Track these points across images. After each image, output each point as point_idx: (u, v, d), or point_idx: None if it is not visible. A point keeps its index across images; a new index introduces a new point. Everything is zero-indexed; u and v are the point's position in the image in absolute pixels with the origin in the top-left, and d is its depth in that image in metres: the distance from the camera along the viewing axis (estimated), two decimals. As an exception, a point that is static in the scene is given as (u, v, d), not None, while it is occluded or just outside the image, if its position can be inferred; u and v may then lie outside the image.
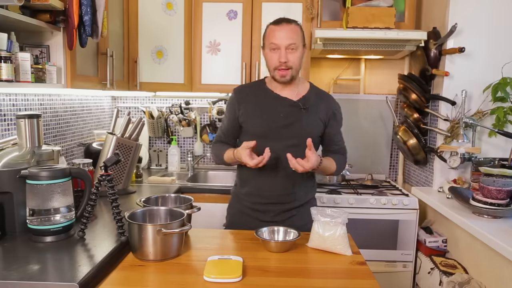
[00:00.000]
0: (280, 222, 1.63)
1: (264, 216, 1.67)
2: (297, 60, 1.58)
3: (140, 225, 1.25)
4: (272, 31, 1.57)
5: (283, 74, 1.57)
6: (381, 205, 2.30)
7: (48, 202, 1.35)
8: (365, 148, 2.86)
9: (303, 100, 1.65)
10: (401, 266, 2.36)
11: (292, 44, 1.54)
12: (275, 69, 1.58)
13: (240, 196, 1.73)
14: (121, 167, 2.05)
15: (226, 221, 1.81)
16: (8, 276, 1.09)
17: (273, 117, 1.62)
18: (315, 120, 1.64)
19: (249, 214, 1.70)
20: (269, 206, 1.67)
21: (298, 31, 1.58)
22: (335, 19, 2.59)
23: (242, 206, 1.72)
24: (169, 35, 2.55)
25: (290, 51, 1.55)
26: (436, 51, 2.29)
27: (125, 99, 2.98)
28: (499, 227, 1.67)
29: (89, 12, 1.61)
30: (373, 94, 2.87)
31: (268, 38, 1.58)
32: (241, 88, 1.74)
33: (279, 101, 1.64)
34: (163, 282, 1.14)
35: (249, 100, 1.67)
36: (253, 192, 1.68)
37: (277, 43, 1.54)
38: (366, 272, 1.23)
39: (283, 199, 1.66)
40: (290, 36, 1.54)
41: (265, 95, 1.66)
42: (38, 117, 1.52)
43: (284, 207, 1.67)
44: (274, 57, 1.56)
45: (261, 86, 1.69)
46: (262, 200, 1.67)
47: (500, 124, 2.12)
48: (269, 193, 1.66)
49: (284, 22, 1.57)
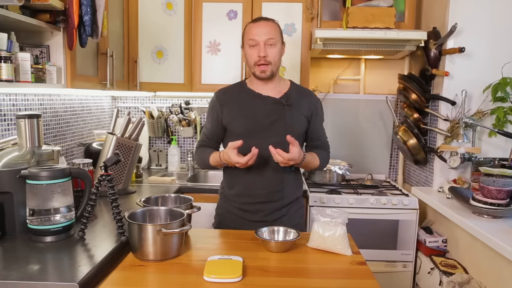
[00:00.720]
0: (269, 222, 1.63)
1: (253, 216, 1.67)
2: (276, 55, 1.60)
3: (140, 225, 1.25)
4: (250, 28, 1.61)
5: (263, 69, 1.59)
6: (381, 205, 2.30)
7: (48, 202, 1.35)
8: (365, 148, 2.86)
9: (286, 97, 1.66)
10: (401, 266, 2.36)
11: (271, 39, 1.57)
12: (255, 65, 1.60)
13: (228, 197, 1.73)
14: (121, 167, 2.05)
15: (215, 221, 1.81)
16: (8, 276, 1.09)
17: (257, 116, 1.63)
18: (298, 116, 1.66)
19: (238, 214, 1.70)
20: (258, 206, 1.67)
21: (276, 27, 1.62)
22: (335, 19, 2.59)
23: (230, 206, 1.72)
24: (169, 35, 2.55)
25: (269, 46, 1.57)
26: (436, 51, 2.29)
27: (125, 99, 2.98)
28: (499, 227, 1.67)
29: (89, 12, 1.61)
30: (373, 94, 2.87)
31: (247, 35, 1.61)
32: (223, 90, 1.75)
33: (262, 100, 1.66)
34: (163, 282, 1.14)
35: (232, 102, 1.68)
36: (242, 193, 1.68)
37: (256, 39, 1.57)
38: (366, 272, 1.23)
39: (272, 197, 1.66)
40: (268, 32, 1.57)
41: (247, 95, 1.68)
42: (38, 117, 1.52)
43: (274, 206, 1.67)
44: (254, 53, 1.59)
45: (243, 87, 1.71)
46: (251, 200, 1.67)
47: (500, 124, 2.12)
48: (258, 191, 1.66)
49: (262, 19, 1.62)
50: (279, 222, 1.63)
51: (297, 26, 2.53)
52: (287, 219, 1.68)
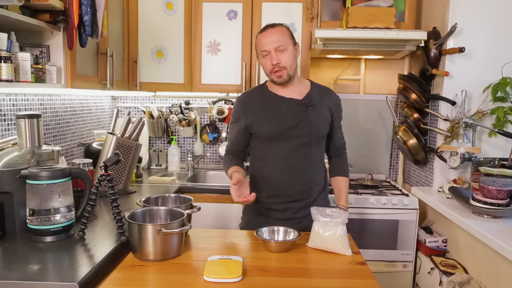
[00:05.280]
0: (299, 218, 1.67)
1: (283, 214, 1.69)
2: (289, 59, 1.62)
3: (140, 225, 1.26)
4: (260, 39, 1.64)
5: (279, 74, 1.62)
6: (381, 205, 2.30)
7: (48, 202, 1.35)
8: (365, 148, 2.86)
9: (308, 98, 1.68)
10: (401, 266, 2.35)
11: (280, 45, 1.60)
12: (271, 73, 1.64)
13: (257, 198, 1.70)
14: (121, 167, 2.05)
15: (242, 222, 1.81)
16: (8, 276, 1.09)
17: (282, 118, 1.65)
18: (322, 115, 1.69)
19: (267, 214, 1.71)
20: (288, 205, 1.69)
21: (283, 32, 1.63)
22: (335, 19, 2.59)
23: (259, 207, 1.73)
24: (169, 35, 2.55)
25: (279, 52, 1.60)
26: (436, 51, 2.29)
27: (125, 99, 2.98)
28: (499, 227, 1.67)
29: (89, 12, 1.61)
30: (373, 94, 2.87)
31: (259, 47, 1.65)
32: (244, 95, 1.76)
33: (285, 102, 1.67)
34: (163, 282, 1.14)
35: (255, 106, 1.69)
36: (271, 195, 1.69)
37: (266, 49, 1.61)
38: (366, 272, 1.23)
39: (301, 196, 1.69)
40: (276, 39, 1.60)
41: (270, 98, 1.69)
42: (38, 117, 1.52)
43: (303, 203, 1.69)
44: (267, 62, 1.62)
45: (265, 90, 1.72)
46: (281, 200, 1.69)
47: (500, 124, 2.12)
48: (288, 192, 1.68)
49: (269, 27, 1.64)
50: (308, 218, 1.63)
51: (297, 26, 2.53)
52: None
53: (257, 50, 1.67)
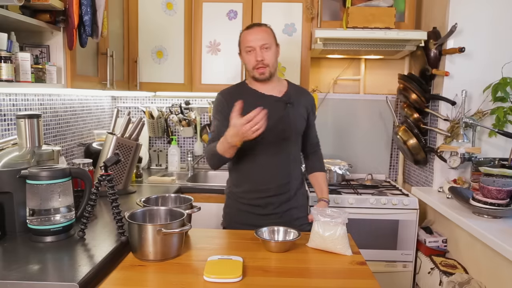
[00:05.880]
0: (280, 213, 1.72)
1: (264, 210, 1.72)
2: (272, 58, 1.68)
3: (140, 225, 1.26)
4: (245, 36, 1.69)
5: (262, 71, 1.68)
6: (381, 205, 2.30)
7: (48, 202, 1.35)
8: (365, 148, 2.86)
9: (287, 96, 1.75)
10: (401, 266, 2.35)
11: (266, 44, 1.65)
12: (253, 69, 1.69)
13: (237, 195, 1.76)
14: (121, 167, 2.05)
15: (225, 221, 1.82)
16: (8, 276, 1.09)
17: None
18: (300, 113, 1.76)
19: (248, 210, 1.74)
20: (269, 199, 1.72)
21: (269, 32, 1.70)
22: (335, 19, 2.59)
23: (239, 204, 1.76)
24: (169, 35, 2.55)
25: (264, 50, 1.66)
26: (436, 51, 2.29)
27: (125, 99, 2.98)
28: (499, 227, 1.67)
29: (89, 12, 1.61)
30: (373, 94, 2.87)
31: (243, 42, 1.69)
32: (226, 90, 1.79)
33: (266, 99, 1.72)
34: (163, 282, 1.14)
35: (236, 100, 1.67)
36: (251, 189, 1.73)
37: (252, 45, 1.65)
38: (366, 272, 1.23)
39: (281, 190, 1.72)
40: (262, 37, 1.65)
41: (251, 94, 1.73)
42: (38, 117, 1.52)
43: (283, 198, 1.73)
44: (251, 58, 1.67)
45: (245, 87, 1.77)
46: (262, 195, 1.72)
47: (500, 124, 2.12)
48: (268, 186, 1.71)
49: (255, 26, 1.70)
50: (288, 213, 1.73)
51: (297, 26, 2.53)
52: (296, 212, 1.77)
53: (241, 46, 1.71)
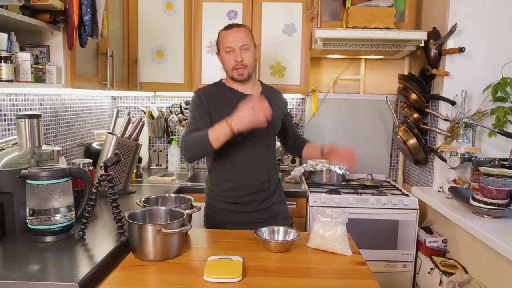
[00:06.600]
0: (263, 210, 1.76)
1: (247, 207, 1.74)
2: (251, 58, 1.71)
3: (140, 225, 1.25)
4: (225, 36, 1.69)
5: (240, 72, 1.69)
6: (381, 205, 2.30)
7: (48, 202, 1.35)
8: (365, 148, 2.86)
9: (263, 95, 1.72)
10: (401, 266, 2.36)
11: (245, 45, 1.67)
12: (233, 69, 1.69)
13: (218, 193, 1.78)
14: (121, 167, 2.05)
15: (207, 222, 1.83)
16: (8, 276, 1.09)
17: None
18: (276, 113, 1.76)
19: (231, 209, 1.75)
20: (251, 197, 1.74)
21: (248, 33, 1.72)
22: (335, 19, 2.58)
23: (221, 203, 1.77)
24: (169, 35, 2.55)
25: (244, 51, 1.67)
26: (436, 51, 2.29)
27: (125, 99, 2.98)
28: (499, 227, 1.67)
29: (89, 12, 1.61)
30: (373, 94, 2.87)
31: (222, 42, 1.70)
32: (204, 89, 1.78)
33: (244, 98, 1.66)
34: (163, 282, 1.14)
35: (215, 99, 1.72)
36: (233, 187, 1.74)
37: (232, 46, 1.66)
38: (366, 272, 1.23)
39: (262, 187, 1.76)
40: (242, 38, 1.67)
41: (230, 93, 1.74)
42: (38, 117, 1.52)
43: (264, 195, 1.76)
44: (231, 59, 1.68)
45: (223, 86, 1.78)
46: (244, 192, 1.74)
47: (500, 124, 2.12)
48: (249, 183, 1.74)
49: (235, 26, 1.71)
50: (271, 209, 1.78)
51: (297, 26, 2.53)
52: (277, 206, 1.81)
53: (220, 46, 1.71)
